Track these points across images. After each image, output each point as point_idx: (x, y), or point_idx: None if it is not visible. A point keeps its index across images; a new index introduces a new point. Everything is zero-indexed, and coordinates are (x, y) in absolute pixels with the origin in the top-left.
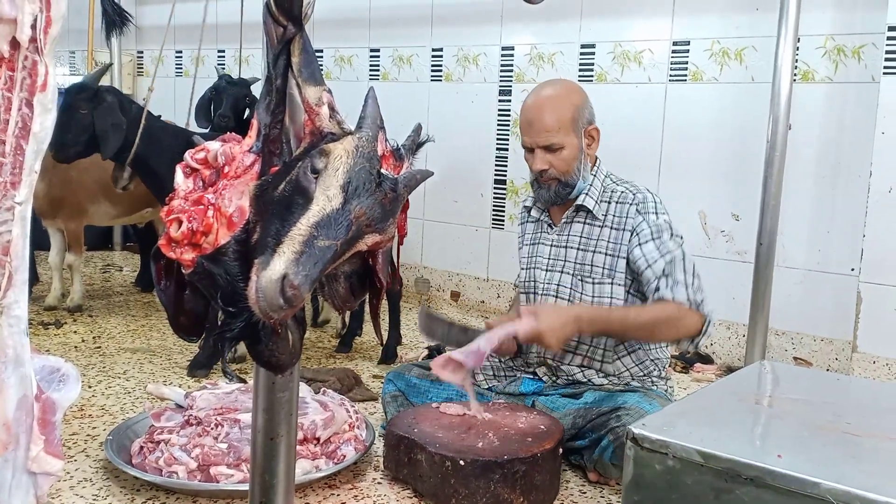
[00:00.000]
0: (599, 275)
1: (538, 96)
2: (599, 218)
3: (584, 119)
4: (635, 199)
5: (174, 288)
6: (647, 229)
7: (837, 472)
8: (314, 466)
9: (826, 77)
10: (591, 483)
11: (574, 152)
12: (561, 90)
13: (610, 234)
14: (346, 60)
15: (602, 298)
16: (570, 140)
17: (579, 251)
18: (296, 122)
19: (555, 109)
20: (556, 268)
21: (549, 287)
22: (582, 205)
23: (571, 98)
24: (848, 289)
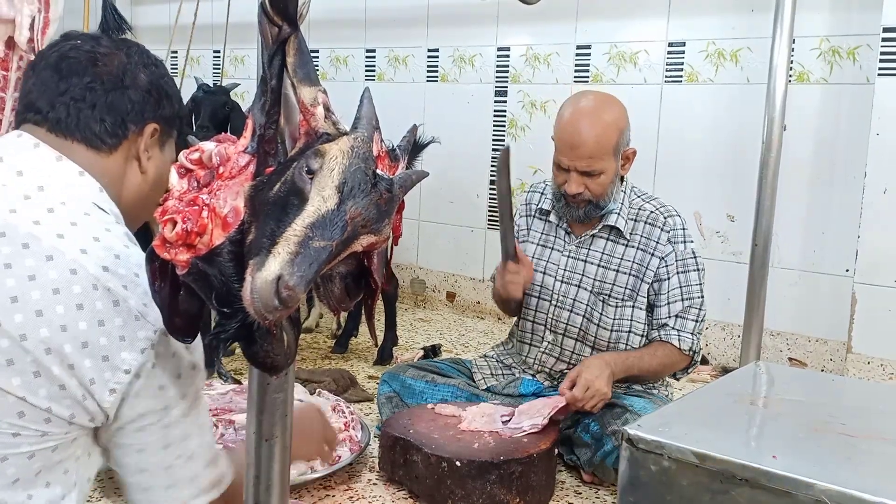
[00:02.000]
0: (621, 296)
1: (582, 115)
2: (626, 237)
3: (624, 142)
4: (666, 224)
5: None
6: (675, 262)
7: (833, 473)
8: (309, 467)
9: (821, 78)
10: (586, 484)
11: (611, 177)
12: (608, 112)
13: (635, 255)
14: (341, 61)
15: (622, 321)
16: (610, 165)
17: (600, 268)
18: (291, 123)
19: (601, 135)
20: (572, 281)
21: (564, 300)
22: (613, 225)
23: (618, 122)
24: (843, 289)
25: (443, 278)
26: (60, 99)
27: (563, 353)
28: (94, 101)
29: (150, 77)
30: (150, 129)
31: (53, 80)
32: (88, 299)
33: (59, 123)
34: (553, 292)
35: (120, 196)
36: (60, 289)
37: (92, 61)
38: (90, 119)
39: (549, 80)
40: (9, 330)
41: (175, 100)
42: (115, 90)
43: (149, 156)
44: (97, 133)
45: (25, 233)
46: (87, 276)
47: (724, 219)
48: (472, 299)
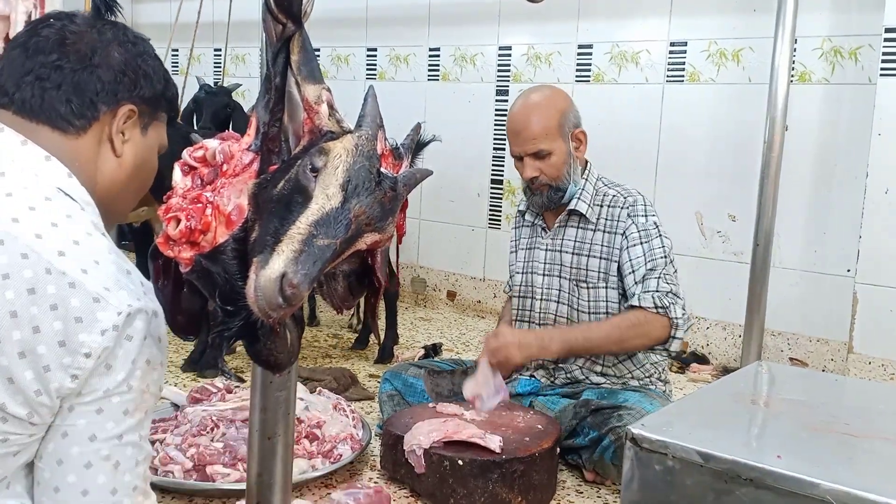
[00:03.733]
0: (595, 279)
1: (522, 105)
2: (592, 222)
3: (569, 123)
4: (626, 202)
5: (172, 287)
6: (636, 232)
7: (836, 472)
8: (310, 466)
9: (823, 78)
10: (587, 482)
11: (563, 157)
12: (544, 97)
13: (603, 238)
14: (342, 60)
15: (598, 302)
16: (558, 145)
17: (574, 255)
18: (295, 121)
19: (540, 116)
20: (553, 272)
21: (548, 292)
22: (574, 209)
23: (555, 103)
24: (844, 290)
25: (443, 277)
26: (25, 79)
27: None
28: (59, 80)
29: (124, 56)
30: (125, 109)
31: (20, 59)
32: (40, 283)
33: (24, 104)
34: (538, 287)
35: (94, 182)
36: (10, 274)
37: (60, 40)
38: (55, 100)
39: (551, 79)
40: None
41: (157, 80)
42: (84, 69)
43: (125, 139)
44: (62, 114)
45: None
46: (40, 260)
47: (725, 219)
48: (472, 298)
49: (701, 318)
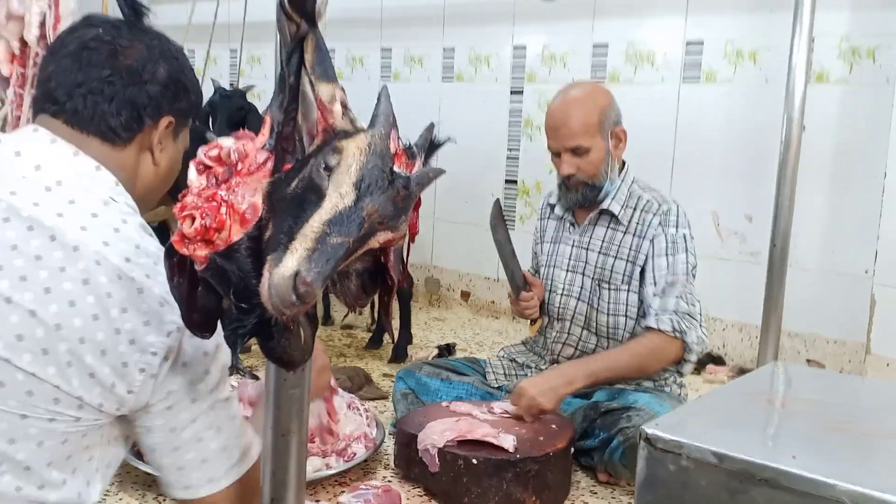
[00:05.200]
0: (618, 281)
1: (563, 100)
2: (623, 224)
3: (610, 120)
4: (660, 209)
5: (187, 284)
6: (664, 243)
7: (853, 473)
8: (325, 464)
9: (841, 78)
10: (601, 483)
11: (601, 154)
12: (585, 92)
13: (632, 242)
14: (357, 60)
15: (618, 304)
16: (597, 142)
17: (600, 255)
18: (309, 120)
19: (580, 112)
20: (577, 269)
21: (570, 289)
22: (607, 209)
23: (597, 100)
24: (862, 291)
25: (457, 277)
26: (78, 90)
27: (569, 339)
28: (111, 94)
29: (169, 70)
30: (165, 122)
31: (73, 69)
32: (114, 288)
33: (76, 115)
34: (560, 282)
35: (133, 187)
36: (89, 279)
37: (112, 53)
38: (107, 113)
39: (566, 79)
40: (44, 319)
41: (193, 91)
42: (134, 84)
43: (162, 147)
44: (112, 127)
45: (50, 225)
46: (112, 266)
47: (741, 219)
48: (486, 298)
49: (717, 318)
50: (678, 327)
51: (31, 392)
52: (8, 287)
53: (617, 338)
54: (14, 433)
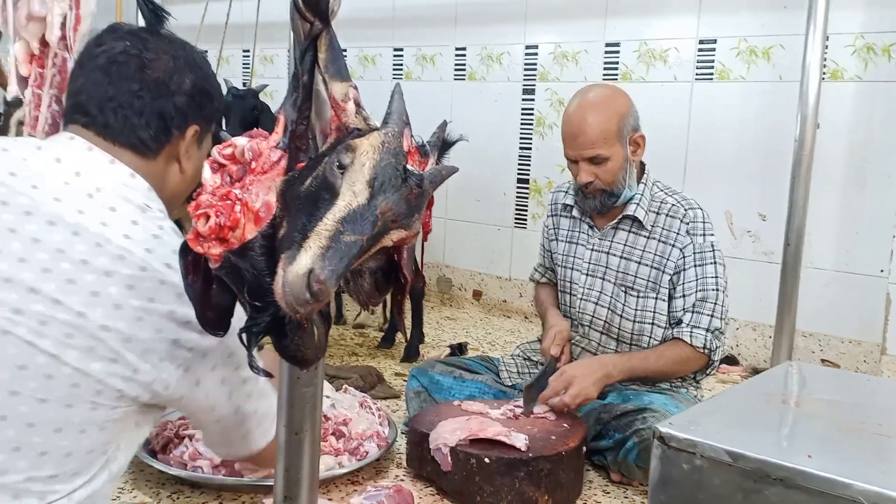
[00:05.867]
0: (643, 287)
1: (578, 105)
2: (647, 228)
3: (629, 127)
4: (686, 216)
5: (202, 283)
6: (692, 254)
7: (869, 473)
8: (337, 463)
9: (855, 76)
10: (614, 483)
11: (619, 163)
12: (603, 98)
13: (657, 247)
14: (369, 60)
15: (645, 312)
16: (616, 151)
17: (622, 259)
18: (322, 118)
19: (598, 120)
20: (597, 273)
21: (589, 293)
22: (632, 215)
23: (615, 106)
24: (877, 290)
25: (469, 276)
26: (109, 104)
27: (589, 345)
28: (141, 108)
29: (194, 80)
30: (192, 131)
31: (102, 83)
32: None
33: (108, 128)
34: (579, 286)
35: (162, 193)
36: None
37: (140, 67)
38: (137, 127)
39: (578, 77)
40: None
41: (216, 98)
42: (162, 97)
43: (188, 156)
44: (143, 139)
45: (96, 232)
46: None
47: (755, 218)
48: (498, 297)
49: (731, 318)
50: (710, 346)
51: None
52: (55, 289)
53: (641, 344)
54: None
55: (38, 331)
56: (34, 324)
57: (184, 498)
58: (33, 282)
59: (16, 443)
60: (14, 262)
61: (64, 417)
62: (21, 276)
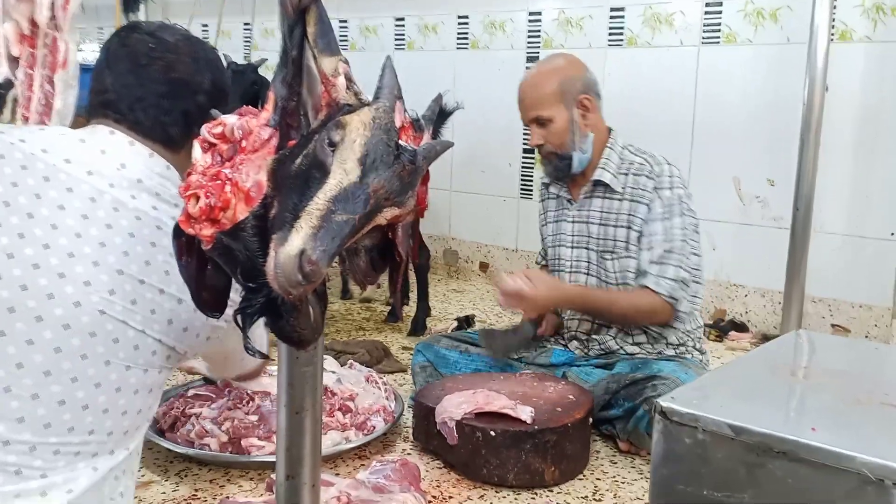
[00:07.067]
0: (623, 249)
1: (528, 73)
2: (618, 191)
3: (574, 89)
4: (652, 171)
5: (196, 264)
6: (659, 208)
7: (874, 445)
8: (344, 438)
9: (865, 36)
10: (621, 453)
11: (564, 124)
12: (548, 63)
13: (630, 207)
14: (371, 30)
15: (626, 273)
16: (559, 112)
17: (601, 226)
18: (313, 94)
19: (540, 83)
20: (580, 244)
21: (577, 264)
22: (599, 179)
23: (558, 70)
24: (888, 254)
25: (475, 248)
26: (138, 104)
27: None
28: (168, 107)
29: (212, 78)
30: None
31: (132, 84)
32: None
33: (139, 125)
34: (566, 260)
35: None
36: None
37: (165, 69)
38: (166, 125)
39: (583, 44)
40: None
41: (229, 90)
42: (186, 97)
43: None
44: (172, 136)
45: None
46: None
47: (764, 183)
48: (505, 269)
49: (739, 285)
50: (675, 295)
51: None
52: (137, 270)
53: None
54: (121, 382)
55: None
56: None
57: (191, 475)
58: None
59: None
60: (97, 246)
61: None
62: (108, 259)
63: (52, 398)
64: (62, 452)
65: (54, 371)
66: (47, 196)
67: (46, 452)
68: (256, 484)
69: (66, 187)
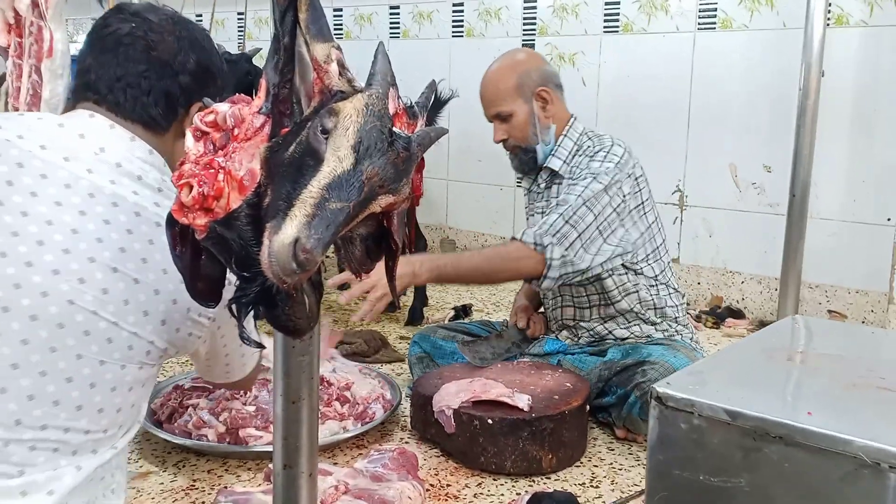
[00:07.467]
0: None
1: (486, 70)
2: (566, 175)
3: (531, 82)
4: (592, 149)
5: (190, 253)
6: (580, 176)
7: (870, 429)
8: (342, 427)
9: (861, 21)
10: (618, 440)
11: (525, 117)
12: (505, 59)
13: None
14: (365, 18)
15: None
16: (519, 106)
17: None
18: (306, 81)
19: (498, 79)
20: None
21: None
22: (548, 166)
23: (514, 65)
24: (884, 239)
25: (472, 238)
26: (118, 84)
27: (564, 301)
28: (148, 88)
29: (197, 60)
30: (196, 108)
31: (111, 64)
32: None
33: (119, 107)
34: None
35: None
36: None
37: (146, 48)
38: (147, 105)
39: (578, 31)
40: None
41: (220, 74)
42: (168, 77)
43: None
44: (153, 117)
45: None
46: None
47: (760, 170)
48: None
49: (736, 272)
50: (539, 241)
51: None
52: (110, 258)
53: (606, 288)
54: (95, 378)
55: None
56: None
57: (189, 466)
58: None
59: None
60: (69, 234)
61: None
62: (80, 246)
63: (21, 392)
64: (39, 448)
65: (22, 364)
66: (20, 183)
67: (21, 448)
68: (254, 474)
69: (40, 174)
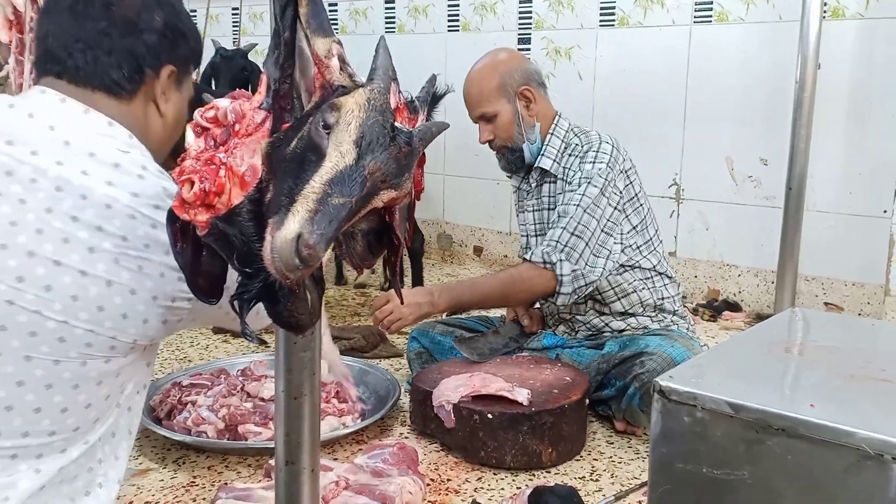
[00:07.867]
0: None
1: (469, 71)
2: (558, 176)
3: (514, 82)
4: (581, 149)
5: (192, 250)
6: (575, 181)
7: (872, 420)
8: (341, 423)
9: (857, 13)
10: (618, 433)
11: (509, 117)
12: (486, 60)
13: (562, 188)
14: (360, 13)
15: None
16: (503, 106)
17: (550, 211)
18: (307, 76)
19: (479, 80)
20: (542, 232)
21: None
22: (540, 166)
23: (495, 65)
24: (880, 231)
25: (469, 232)
26: (76, 46)
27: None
28: (110, 47)
29: (165, 18)
30: (167, 71)
31: (68, 25)
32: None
33: (79, 72)
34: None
35: (146, 140)
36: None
37: (105, 5)
38: (108, 66)
39: (574, 25)
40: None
41: (191, 37)
42: (131, 35)
43: (166, 98)
44: (116, 80)
45: (79, 184)
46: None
47: (756, 163)
48: (499, 253)
49: (732, 265)
50: (548, 259)
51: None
52: (52, 251)
53: (601, 286)
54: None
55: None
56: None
57: (189, 462)
58: (31, 246)
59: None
60: (6, 227)
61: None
62: (18, 240)
63: None
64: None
65: None
66: None
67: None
68: (254, 470)
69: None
